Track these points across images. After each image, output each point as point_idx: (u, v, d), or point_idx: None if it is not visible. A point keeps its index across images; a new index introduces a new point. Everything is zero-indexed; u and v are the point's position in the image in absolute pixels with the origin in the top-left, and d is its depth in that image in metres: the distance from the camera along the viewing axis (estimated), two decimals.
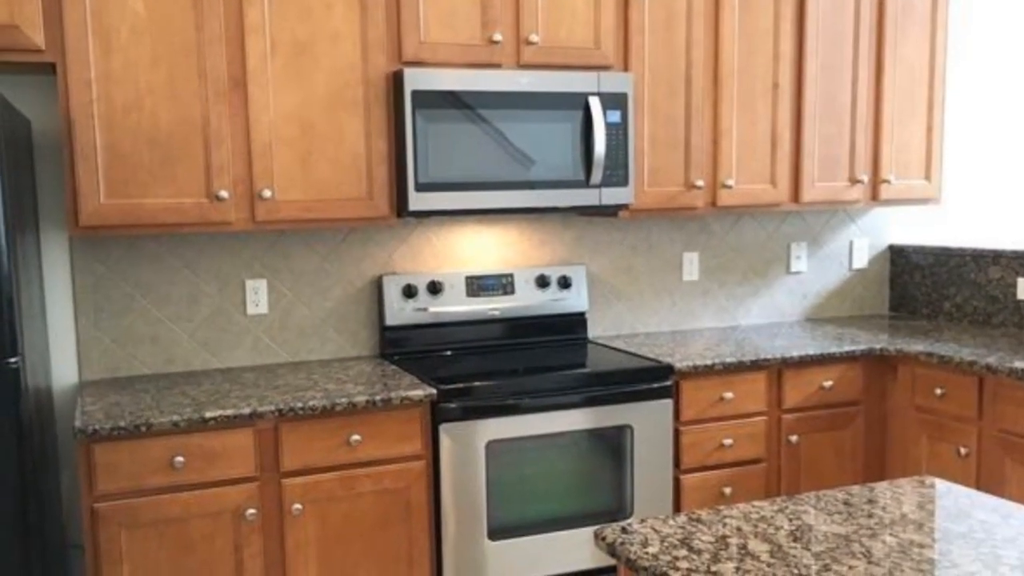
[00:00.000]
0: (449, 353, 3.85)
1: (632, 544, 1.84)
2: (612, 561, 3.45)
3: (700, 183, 3.88)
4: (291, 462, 3.07)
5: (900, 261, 4.78)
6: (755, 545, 1.81)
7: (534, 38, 3.55)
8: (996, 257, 4.27)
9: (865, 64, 4.16)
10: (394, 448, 3.19)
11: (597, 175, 3.59)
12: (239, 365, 3.69)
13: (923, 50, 4.26)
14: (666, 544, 1.83)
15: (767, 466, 3.77)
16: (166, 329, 3.58)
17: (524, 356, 3.79)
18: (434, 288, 3.82)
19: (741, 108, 3.96)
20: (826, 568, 1.70)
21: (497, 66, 3.55)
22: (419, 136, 3.35)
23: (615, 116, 3.60)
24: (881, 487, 2.15)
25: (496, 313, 3.93)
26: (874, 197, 4.27)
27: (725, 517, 1.98)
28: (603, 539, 1.90)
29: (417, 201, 3.38)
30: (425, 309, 3.83)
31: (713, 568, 1.70)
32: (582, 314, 4.09)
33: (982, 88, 4.93)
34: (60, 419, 3.48)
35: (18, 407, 2.62)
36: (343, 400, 3.09)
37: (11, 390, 2.61)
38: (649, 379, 3.52)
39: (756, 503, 2.06)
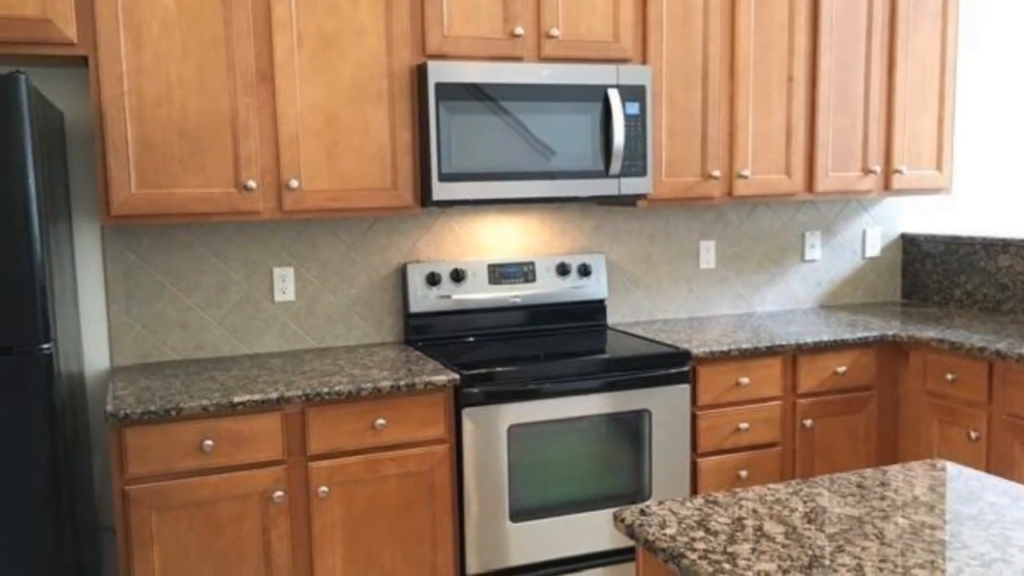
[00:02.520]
0: (472, 339, 3.90)
1: (650, 526, 1.85)
2: (631, 542, 3.50)
3: (717, 173, 3.92)
4: (317, 446, 3.11)
5: (912, 249, 4.81)
6: (770, 527, 1.83)
7: (555, 32, 3.60)
8: (1005, 245, 4.30)
9: (878, 58, 4.18)
10: (418, 432, 3.23)
11: (616, 166, 3.63)
12: (267, 351, 3.74)
13: (934, 44, 4.29)
14: (683, 526, 1.85)
15: (782, 450, 3.81)
16: (196, 316, 3.64)
17: (545, 342, 3.82)
18: (457, 276, 3.87)
19: (757, 101, 3.99)
20: (840, 549, 1.71)
21: (519, 59, 3.59)
22: (442, 127, 3.39)
23: (634, 108, 3.63)
24: (893, 470, 2.16)
25: (517, 300, 3.98)
26: (886, 187, 4.30)
27: (741, 499, 1.99)
28: (622, 521, 1.91)
29: (441, 191, 3.42)
30: (448, 296, 3.88)
31: (729, 549, 1.72)
32: (601, 301, 4.14)
33: (992, 80, 4.95)
34: (92, 404, 3.52)
35: (51, 392, 2.65)
36: (368, 385, 3.13)
37: (44, 375, 2.64)
38: (667, 365, 3.56)
39: (771, 486, 2.07)
